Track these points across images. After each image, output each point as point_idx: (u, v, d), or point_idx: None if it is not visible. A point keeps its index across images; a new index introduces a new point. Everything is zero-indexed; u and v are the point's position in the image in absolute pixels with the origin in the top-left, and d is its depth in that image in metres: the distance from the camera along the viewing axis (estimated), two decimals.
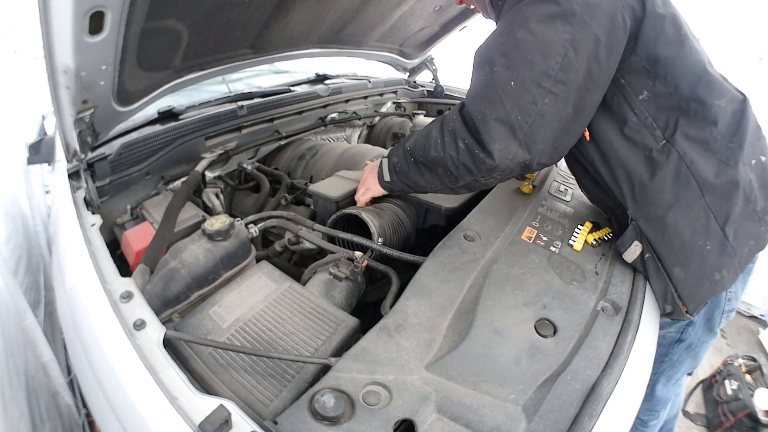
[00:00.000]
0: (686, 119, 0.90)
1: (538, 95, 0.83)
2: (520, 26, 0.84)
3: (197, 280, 0.99)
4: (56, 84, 0.90)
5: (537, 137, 0.86)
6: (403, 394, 0.69)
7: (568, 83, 0.83)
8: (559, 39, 0.81)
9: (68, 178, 1.15)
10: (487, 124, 0.87)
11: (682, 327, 1.19)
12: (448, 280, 0.95)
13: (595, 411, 0.70)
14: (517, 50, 0.84)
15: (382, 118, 2.40)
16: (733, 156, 0.91)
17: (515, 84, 0.84)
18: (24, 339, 1.37)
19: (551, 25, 0.81)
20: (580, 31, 0.81)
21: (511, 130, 0.86)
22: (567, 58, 0.82)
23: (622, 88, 0.92)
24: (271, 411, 0.70)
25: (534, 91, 0.83)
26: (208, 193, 1.51)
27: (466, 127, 0.92)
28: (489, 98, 0.87)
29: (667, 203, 0.93)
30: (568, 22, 0.81)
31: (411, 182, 1.08)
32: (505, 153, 0.87)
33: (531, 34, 0.83)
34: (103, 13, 0.83)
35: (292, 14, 1.49)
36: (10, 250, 1.47)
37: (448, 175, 0.99)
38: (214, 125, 1.60)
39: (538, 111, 0.84)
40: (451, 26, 2.28)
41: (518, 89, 0.84)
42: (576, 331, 0.86)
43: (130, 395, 0.68)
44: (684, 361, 1.27)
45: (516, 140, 0.86)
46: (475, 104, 0.90)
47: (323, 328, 0.87)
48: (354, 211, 1.14)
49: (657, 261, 0.98)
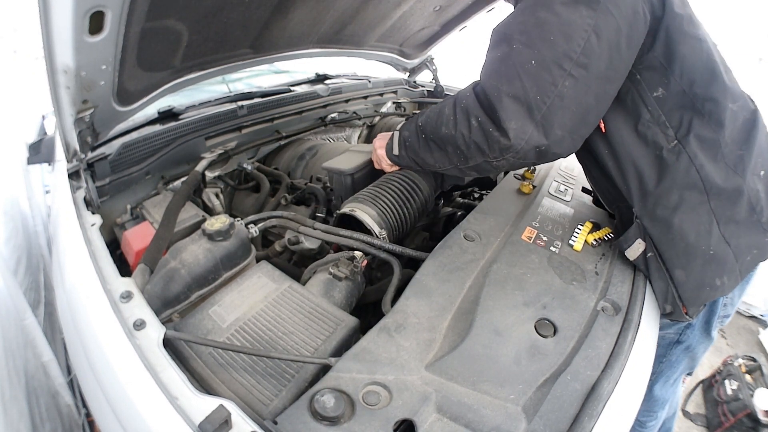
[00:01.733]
0: (699, 120, 0.89)
1: (558, 76, 0.82)
2: (543, 7, 0.83)
3: (197, 280, 0.99)
4: (56, 84, 0.90)
5: (555, 121, 0.84)
6: (403, 394, 0.69)
7: (590, 68, 0.82)
8: (583, 23, 0.80)
9: (68, 177, 1.15)
10: (503, 101, 0.84)
11: (681, 329, 1.19)
12: (448, 280, 0.95)
13: (595, 411, 0.70)
14: (539, 29, 0.83)
15: (382, 118, 2.40)
16: (741, 164, 0.91)
17: (536, 63, 0.82)
18: (24, 339, 1.37)
19: (575, 8, 0.80)
20: (603, 18, 0.80)
21: (528, 110, 0.83)
22: (589, 43, 0.80)
23: (637, 83, 0.91)
24: (270, 411, 0.70)
25: (555, 71, 0.82)
26: (208, 193, 1.51)
27: (479, 105, 0.90)
28: (506, 75, 0.85)
29: (673, 204, 0.93)
30: (592, 8, 0.80)
31: (419, 159, 1.07)
32: (520, 133, 0.84)
33: (554, 15, 0.81)
34: (103, 12, 0.83)
35: (292, 14, 1.49)
36: (10, 250, 1.47)
37: (458, 155, 0.97)
38: (214, 125, 1.60)
39: (557, 93, 0.82)
40: (451, 26, 2.28)
41: (538, 68, 0.82)
42: (576, 331, 0.86)
43: (130, 395, 0.68)
44: (682, 362, 1.27)
45: (533, 121, 0.84)
46: (491, 80, 0.87)
47: (323, 328, 0.87)
48: (347, 210, 1.12)
49: (659, 261, 0.97)
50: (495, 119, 0.87)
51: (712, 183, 0.90)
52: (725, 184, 0.90)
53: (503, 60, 0.86)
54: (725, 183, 0.90)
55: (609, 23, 0.80)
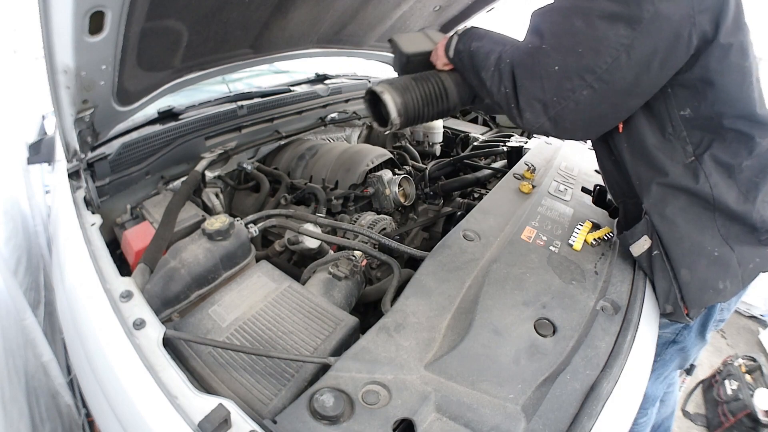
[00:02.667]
0: (720, 144, 0.89)
1: (577, 86, 0.84)
2: (581, 15, 0.82)
3: (197, 280, 0.99)
4: (56, 84, 0.90)
5: (566, 119, 0.88)
6: (403, 393, 0.69)
7: (611, 84, 0.82)
8: (616, 41, 0.79)
9: (68, 177, 1.15)
10: (524, 95, 0.90)
11: (678, 329, 1.19)
12: (447, 279, 0.95)
13: (594, 411, 0.70)
14: (570, 38, 0.84)
15: None
16: (755, 191, 0.91)
17: (559, 69, 0.84)
18: (24, 339, 1.37)
19: (612, 24, 0.79)
20: (640, 39, 0.78)
21: (543, 107, 0.89)
22: (617, 61, 0.80)
23: (667, 97, 0.90)
24: (270, 410, 0.70)
25: (575, 81, 0.84)
26: (207, 192, 1.51)
27: (511, 78, 0.94)
28: (531, 70, 0.89)
29: (681, 205, 0.93)
30: (632, 27, 0.78)
31: (463, 72, 1.12)
32: (533, 122, 0.91)
33: (589, 27, 0.81)
34: (103, 12, 0.84)
35: (292, 14, 1.49)
36: (10, 250, 1.47)
37: (486, 94, 1.04)
38: (213, 125, 1.60)
39: (574, 98, 0.85)
40: (451, 26, 2.27)
41: (560, 74, 0.85)
42: (575, 330, 0.86)
43: (130, 395, 0.68)
44: (674, 361, 1.27)
45: (546, 116, 0.89)
46: (519, 68, 0.92)
47: (322, 328, 0.87)
48: (378, 89, 1.11)
49: (665, 259, 0.97)
50: (516, 100, 0.92)
51: (723, 203, 0.90)
52: (735, 207, 0.90)
53: (531, 54, 0.89)
54: (735, 206, 0.90)
55: (645, 44, 0.79)
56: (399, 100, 1.08)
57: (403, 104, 1.08)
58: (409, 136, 2.28)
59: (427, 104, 1.11)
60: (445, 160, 1.98)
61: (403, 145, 2.15)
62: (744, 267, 0.94)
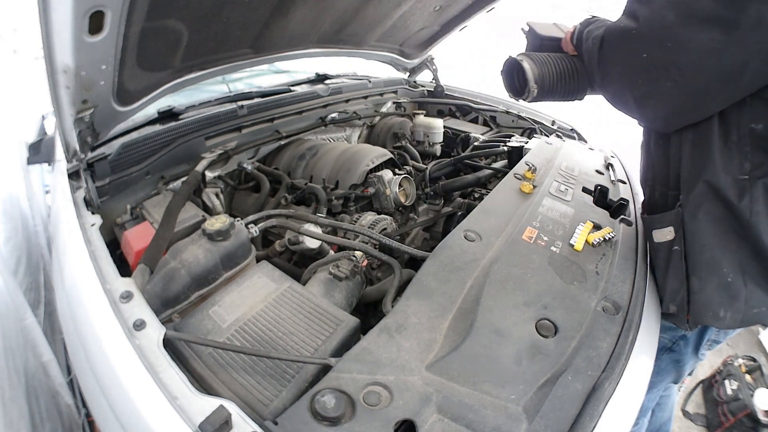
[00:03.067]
0: None
1: (662, 77, 0.82)
2: (676, 9, 0.78)
3: (197, 280, 0.99)
4: (56, 84, 0.90)
5: (649, 105, 0.88)
6: (404, 394, 0.69)
7: (695, 83, 0.80)
8: (706, 45, 0.75)
9: (68, 177, 1.15)
10: (612, 70, 0.92)
11: (676, 338, 1.18)
12: (448, 280, 0.94)
13: (596, 411, 0.70)
14: (661, 30, 0.81)
15: (383, 118, 2.40)
16: None
17: (647, 57, 0.84)
18: (24, 339, 1.37)
19: (706, 27, 0.74)
20: (734, 47, 0.73)
21: (630, 85, 0.89)
22: (704, 65, 0.77)
23: (741, 105, 0.84)
24: (271, 411, 0.70)
25: (660, 72, 0.82)
26: (208, 193, 1.51)
27: (598, 50, 0.95)
28: (620, 50, 0.90)
29: (713, 217, 0.90)
30: (726, 32, 0.73)
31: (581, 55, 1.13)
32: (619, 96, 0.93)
33: (681, 24, 0.77)
34: (103, 12, 0.83)
35: (292, 14, 1.49)
36: (10, 250, 1.47)
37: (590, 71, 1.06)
38: (214, 125, 1.59)
39: (658, 87, 0.85)
40: (451, 26, 2.28)
41: (647, 63, 0.84)
42: (577, 331, 0.86)
43: (130, 395, 0.68)
44: (668, 372, 1.25)
45: (631, 94, 0.90)
46: (608, 43, 0.93)
47: (323, 328, 0.87)
48: (517, 57, 1.17)
49: (683, 259, 0.95)
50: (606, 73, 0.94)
51: (755, 234, 0.86)
52: (766, 244, 0.85)
53: (623, 34, 0.89)
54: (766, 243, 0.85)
55: (737, 54, 0.74)
56: (536, 70, 1.12)
57: (540, 75, 1.13)
58: (409, 136, 2.28)
59: (560, 79, 1.15)
60: (446, 160, 1.98)
61: (404, 145, 2.15)
62: (749, 308, 0.90)
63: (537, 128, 2.20)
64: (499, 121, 2.46)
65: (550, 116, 2.29)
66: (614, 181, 1.53)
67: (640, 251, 1.15)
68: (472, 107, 2.52)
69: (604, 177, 1.58)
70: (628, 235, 1.21)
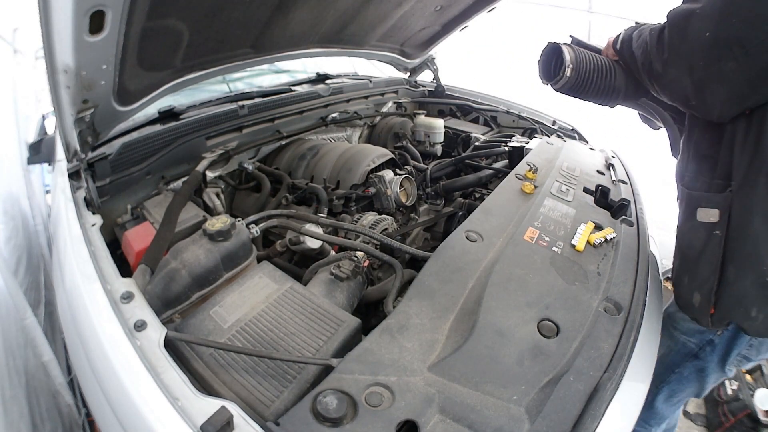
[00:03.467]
0: None
1: (724, 56, 0.81)
2: None
3: (198, 281, 0.99)
4: (56, 83, 0.89)
5: (708, 88, 0.86)
6: (406, 395, 0.68)
7: (759, 61, 0.78)
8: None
9: (68, 177, 1.15)
10: (672, 52, 0.89)
11: (703, 342, 1.13)
12: (450, 280, 0.94)
13: (598, 412, 0.70)
14: (727, 5, 0.80)
15: (383, 118, 2.39)
16: None
17: (710, 35, 0.82)
18: (24, 338, 1.37)
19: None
20: None
21: (690, 68, 0.87)
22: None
23: None
24: (272, 412, 0.70)
25: (723, 51, 0.81)
26: (208, 193, 1.50)
27: (658, 37, 0.93)
28: (683, 31, 0.87)
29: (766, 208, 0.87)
30: None
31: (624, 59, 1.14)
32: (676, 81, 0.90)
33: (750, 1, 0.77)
34: (103, 12, 0.83)
35: (293, 14, 1.49)
36: (10, 250, 1.47)
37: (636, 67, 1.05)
38: (214, 125, 1.59)
39: (719, 67, 0.83)
40: (452, 26, 2.27)
41: (710, 42, 0.82)
42: (579, 331, 0.85)
43: (131, 396, 0.68)
44: (691, 382, 1.21)
45: (690, 78, 0.87)
46: (671, 28, 0.90)
47: (325, 329, 0.87)
48: (560, 42, 1.20)
49: (721, 245, 0.91)
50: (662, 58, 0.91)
51: None
52: None
53: (686, 16, 0.87)
54: None
55: None
56: (573, 55, 1.14)
57: (576, 59, 1.14)
58: (410, 136, 2.28)
59: (596, 70, 1.16)
60: (447, 161, 1.98)
61: (405, 145, 2.15)
62: None
63: (538, 128, 2.20)
64: (500, 121, 2.46)
65: (550, 116, 2.29)
66: (615, 181, 1.53)
67: (641, 252, 1.15)
68: (472, 107, 2.52)
69: (605, 177, 1.58)
70: (629, 236, 1.21)
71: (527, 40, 3.57)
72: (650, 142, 2.82)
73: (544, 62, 1.22)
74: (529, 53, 1.49)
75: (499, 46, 3.70)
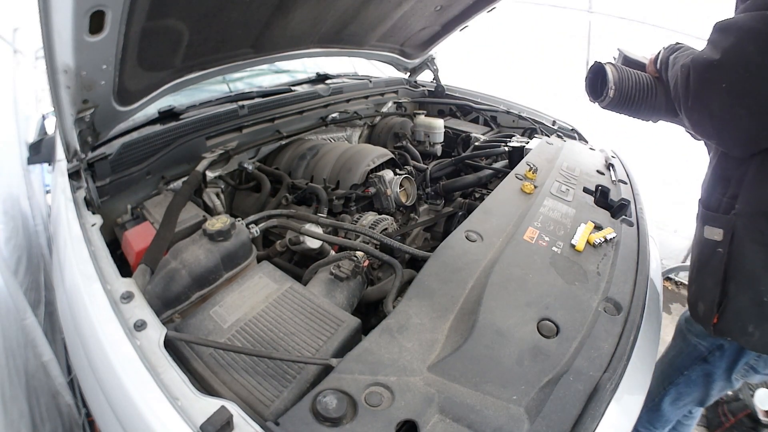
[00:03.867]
0: None
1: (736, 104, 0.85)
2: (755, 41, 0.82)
3: (198, 281, 0.99)
4: (56, 83, 0.89)
5: (727, 133, 0.91)
6: (406, 395, 0.68)
7: None
8: None
9: (68, 177, 1.15)
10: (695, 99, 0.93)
11: (713, 347, 1.16)
12: (450, 280, 0.94)
13: (597, 412, 0.70)
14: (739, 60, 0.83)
15: (383, 118, 2.39)
16: None
17: (726, 86, 0.86)
18: (24, 338, 1.37)
19: None
20: None
21: (710, 115, 0.91)
22: None
23: None
24: (272, 412, 0.70)
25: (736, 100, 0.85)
26: (208, 192, 1.50)
27: (686, 80, 0.95)
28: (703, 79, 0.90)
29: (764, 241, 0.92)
30: None
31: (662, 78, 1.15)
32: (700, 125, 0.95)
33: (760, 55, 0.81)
34: (103, 12, 0.83)
35: (293, 14, 1.49)
36: (10, 250, 1.47)
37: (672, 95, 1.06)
38: (214, 125, 1.59)
39: (732, 115, 0.87)
40: (452, 26, 2.27)
41: (726, 91, 0.86)
42: (578, 331, 0.85)
43: (131, 396, 0.68)
44: (697, 386, 1.24)
45: (711, 122, 0.92)
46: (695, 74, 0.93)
47: (324, 329, 0.87)
48: (604, 62, 1.22)
49: (723, 262, 0.96)
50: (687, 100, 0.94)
51: None
52: None
53: (706, 66, 0.90)
54: None
55: None
56: (617, 75, 1.17)
57: (619, 79, 1.17)
58: (410, 136, 2.28)
59: (638, 89, 1.18)
60: (447, 161, 1.98)
61: (404, 145, 2.15)
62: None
63: (538, 128, 2.20)
64: (499, 121, 2.46)
65: (550, 116, 2.29)
66: (615, 181, 1.53)
67: (641, 252, 1.15)
68: (472, 107, 2.52)
69: (605, 177, 1.58)
70: (629, 236, 1.21)
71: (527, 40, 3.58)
72: (650, 142, 2.82)
73: (590, 80, 1.25)
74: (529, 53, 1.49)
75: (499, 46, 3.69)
